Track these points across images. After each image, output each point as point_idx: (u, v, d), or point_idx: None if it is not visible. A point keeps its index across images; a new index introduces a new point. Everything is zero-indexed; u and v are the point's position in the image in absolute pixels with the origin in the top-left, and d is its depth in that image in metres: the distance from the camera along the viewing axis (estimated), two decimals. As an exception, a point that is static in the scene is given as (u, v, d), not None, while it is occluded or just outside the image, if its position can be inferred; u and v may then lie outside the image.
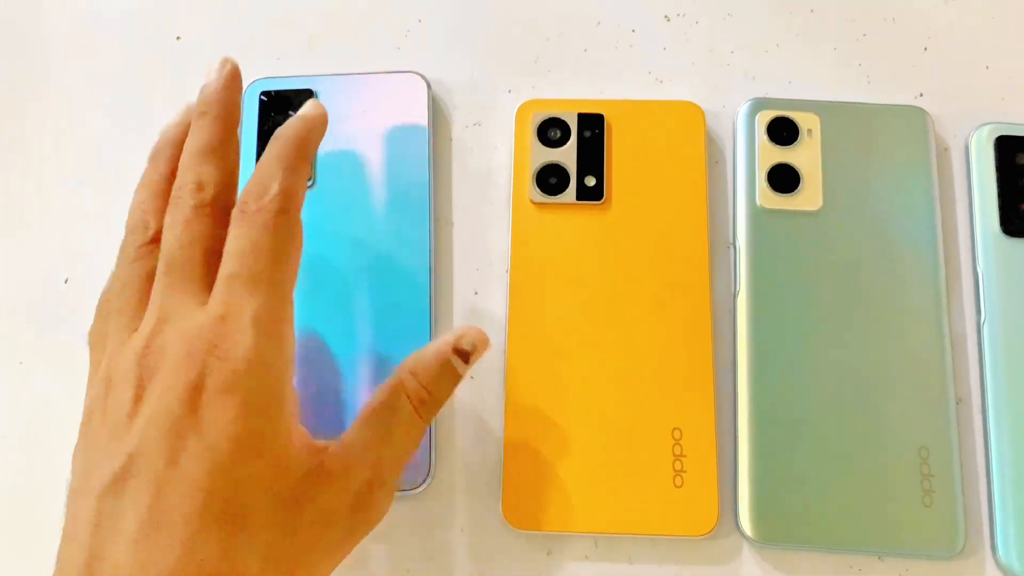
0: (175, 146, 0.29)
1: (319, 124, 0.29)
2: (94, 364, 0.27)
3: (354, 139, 0.36)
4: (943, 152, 0.37)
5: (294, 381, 0.26)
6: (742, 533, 0.31)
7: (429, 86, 0.37)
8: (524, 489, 0.32)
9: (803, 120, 0.36)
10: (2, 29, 0.40)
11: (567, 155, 0.36)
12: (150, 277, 0.27)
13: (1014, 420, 0.32)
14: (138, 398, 0.24)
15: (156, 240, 0.27)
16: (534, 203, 0.35)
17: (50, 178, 0.38)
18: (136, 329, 0.26)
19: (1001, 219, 0.35)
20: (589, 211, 0.35)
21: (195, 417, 0.24)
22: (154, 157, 0.29)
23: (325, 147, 0.36)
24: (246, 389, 0.24)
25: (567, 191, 0.35)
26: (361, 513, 0.26)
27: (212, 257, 0.26)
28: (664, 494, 0.32)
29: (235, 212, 0.26)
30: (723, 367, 0.34)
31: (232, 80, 0.29)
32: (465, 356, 0.28)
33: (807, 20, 0.39)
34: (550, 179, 0.36)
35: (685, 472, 0.32)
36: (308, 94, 0.37)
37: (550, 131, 0.36)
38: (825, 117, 0.36)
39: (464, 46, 0.39)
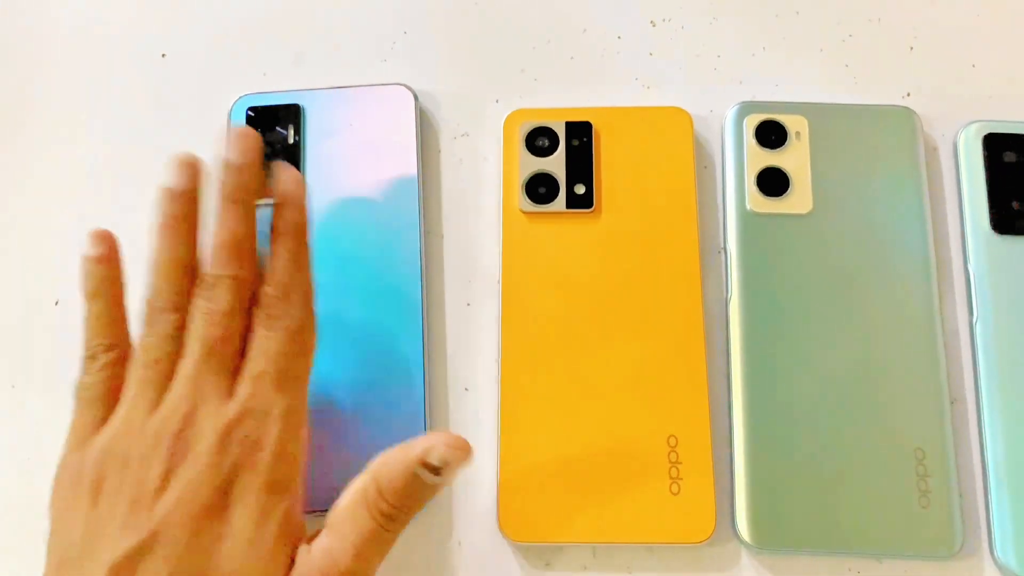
0: (189, 221, 0.29)
1: (305, 197, 0.30)
2: (91, 420, 0.27)
3: (342, 153, 0.36)
4: (932, 151, 0.37)
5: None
6: (740, 539, 0.31)
7: (416, 98, 0.37)
8: (520, 501, 0.32)
9: (791, 123, 0.36)
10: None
11: (556, 164, 0.36)
12: (172, 358, 0.27)
13: (1009, 418, 0.32)
14: (166, 477, 0.25)
15: (182, 326, 0.28)
16: (524, 212, 0.35)
17: (38, 199, 0.38)
18: (157, 406, 0.26)
19: (991, 217, 0.35)
20: (579, 219, 0.35)
21: (224, 503, 0.25)
22: (168, 233, 0.29)
23: (313, 161, 0.36)
24: (274, 482, 0.26)
25: (557, 200, 0.35)
26: None
27: (239, 350, 0.28)
28: (661, 502, 0.32)
29: (261, 314, 0.28)
30: (717, 373, 0.34)
31: (257, 165, 0.29)
32: (435, 470, 0.26)
33: (793, 22, 0.39)
34: (539, 188, 0.36)
35: (682, 479, 0.32)
36: (295, 109, 0.37)
37: (538, 140, 0.36)
38: (813, 119, 0.36)
39: (451, 57, 0.39)
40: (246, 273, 0.28)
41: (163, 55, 0.40)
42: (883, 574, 0.32)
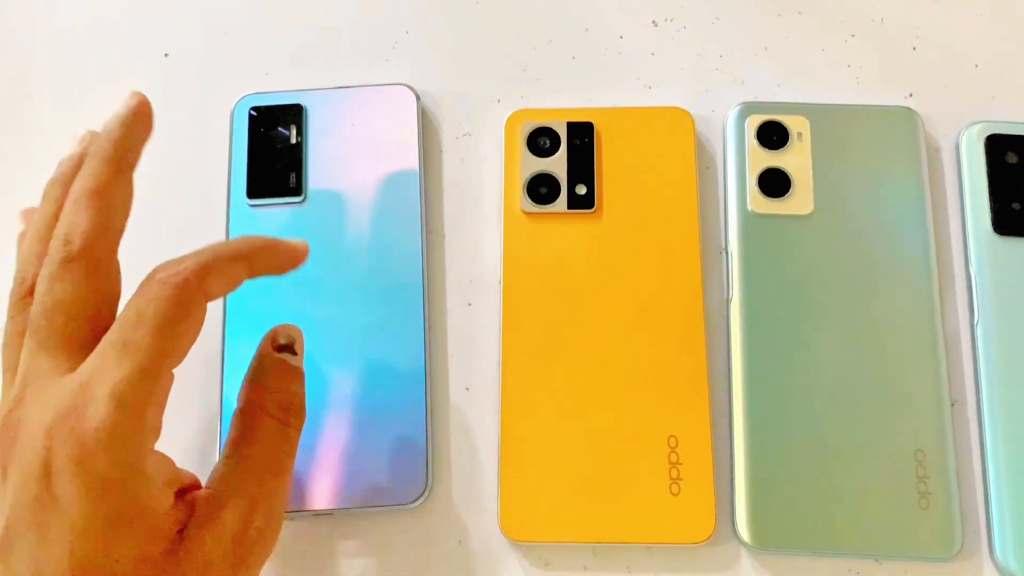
0: (64, 184, 0.27)
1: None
2: None
3: (344, 153, 0.36)
4: (934, 152, 0.37)
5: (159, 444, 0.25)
6: (740, 539, 0.32)
7: (418, 98, 0.37)
8: (521, 500, 0.32)
9: (793, 123, 0.36)
10: (-10, 50, 0.40)
11: (557, 164, 0.36)
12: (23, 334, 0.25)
13: (1009, 420, 0.32)
14: (3, 470, 0.24)
15: (32, 293, 0.26)
16: (525, 213, 0.35)
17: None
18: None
19: (993, 219, 0.35)
20: (580, 220, 0.35)
21: (51, 495, 0.23)
22: (43, 197, 0.27)
23: (315, 161, 0.36)
24: (94, 466, 0.23)
25: (558, 200, 0.35)
26: (244, 548, 0.25)
27: (80, 317, 0.25)
28: (661, 502, 0.32)
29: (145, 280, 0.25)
30: (717, 373, 0.34)
31: (135, 117, 0.27)
32: (290, 349, 0.28)
33: (795, 22, 0.39)
34: (541, 188, 0.36)
35: (682, 480, 0.32)
36: (297, 109, 0.37)
37: (540, 140, 0.36)
38: (815, 120, 0.36)
39: (452, 57, 0.39)
40: (80, 225, 0.25)
41: (166, 54, 0.40)
42: (882, 575, 0.32)
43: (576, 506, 0.32)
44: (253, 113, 0.37)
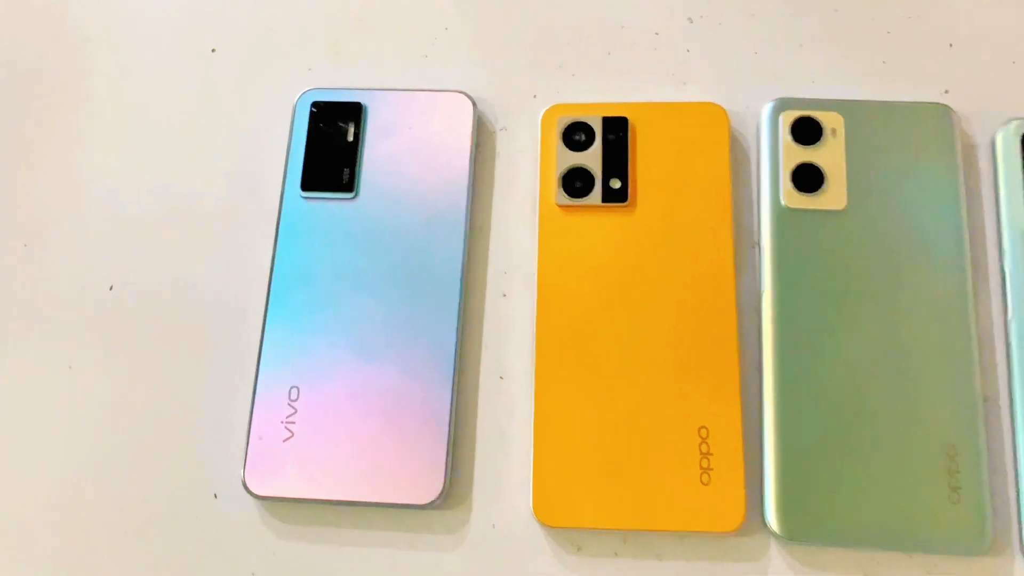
0: None
1: None
2: None
3: (398, 153, 0.37)
4: (969, 149, 0.37)
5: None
6: (770, 530, 0.32)
7: (475, 105, 0.38)
8: (554, 486, 0.33)
9: (827, 119, 0.36)
10: (38, 43, 0.42)
11: (592, 158, 0.36)
12: None
13: (1043, 417, 0.32)
14: None
15: None
16: (560, 206, 0.36)
17: (91, 187, 0.39)
18: None
19: (1028, 215, 0.35)
20: (614, 213, 0.36)
21: None
22: None
23: (370, 159, 0.37)
24: None
25: (592, 194, 0.36)
26: None
27: None
28: (692, 491, 0.32)
29: None
30: (749, 366, 0.34)
31: None
32: None
33: (830, 19, 0.39)
34: (576, 182, 0.36)
35: (712, 470, 0.32)
36: (357, 107, 0.38)
37: (575, 135, 0.37)
38: (849, 116, 0.36)
39: (490, 52, 0.40)
40: None
41: (213, 50, 0.41)
42: (911, 568, 0.32)
43: (608, 493, 0.32)
44: (314, 109, 0.38)
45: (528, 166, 0.38)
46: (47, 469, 0.35)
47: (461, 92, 0.38)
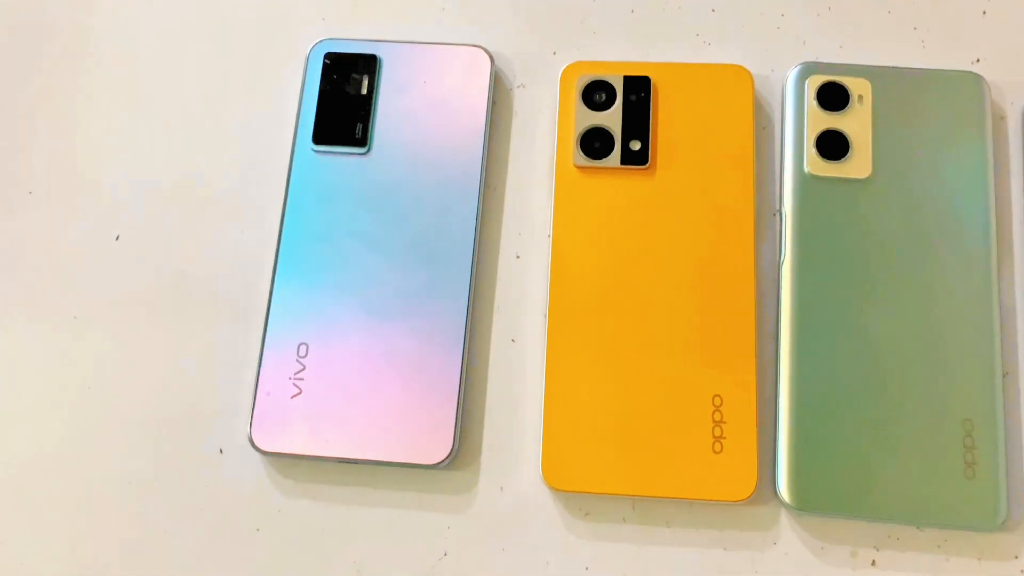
0: None
1: None
2: None
3: (413, 109, 0.36)
4: (999, 120, 0.36)
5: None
6: (781, 500, 0.32)
7: (493, 61, 0.37)
8: (564, 450, 0.32)
9: (854, 85, 0.35)
10: (54, 3, 0.41)
11: (612, 119, 0.36)
12: None
13: (1062, 394, 0.32)
14: None
15: None
16: (578, 167, 0.35)
17: (100, 138, 0.39)
18: None
19: (1057, 190, 0.34)
20: (633, 176, 0.35)
21: None
22: None
23: (383, 113, 0.36)
24: None
25: (611, 155, 0.35)
26: None
27: None
28: (703, 459, 0.32)
29: None
30: (766, 335, 0.34)
31: None
32: None
33: (861, -18, 0.38)
34: (594, 143, 0.35)
35: (725, 438, 0.32)
36: (371, 59, 0.37)
37: (595, 94, 0.36)
38: (877, 83, 0.35)
39: (509, 7, 0.39)
40: None
41: None
42: (923, 542, 0.32)
43: (618, 458, 0.32)
44: (327, 60, 0.37)
45: (546, 125, 0.37)
46: (52, 422, 0.35)
47: (479, 47, 0.37)
